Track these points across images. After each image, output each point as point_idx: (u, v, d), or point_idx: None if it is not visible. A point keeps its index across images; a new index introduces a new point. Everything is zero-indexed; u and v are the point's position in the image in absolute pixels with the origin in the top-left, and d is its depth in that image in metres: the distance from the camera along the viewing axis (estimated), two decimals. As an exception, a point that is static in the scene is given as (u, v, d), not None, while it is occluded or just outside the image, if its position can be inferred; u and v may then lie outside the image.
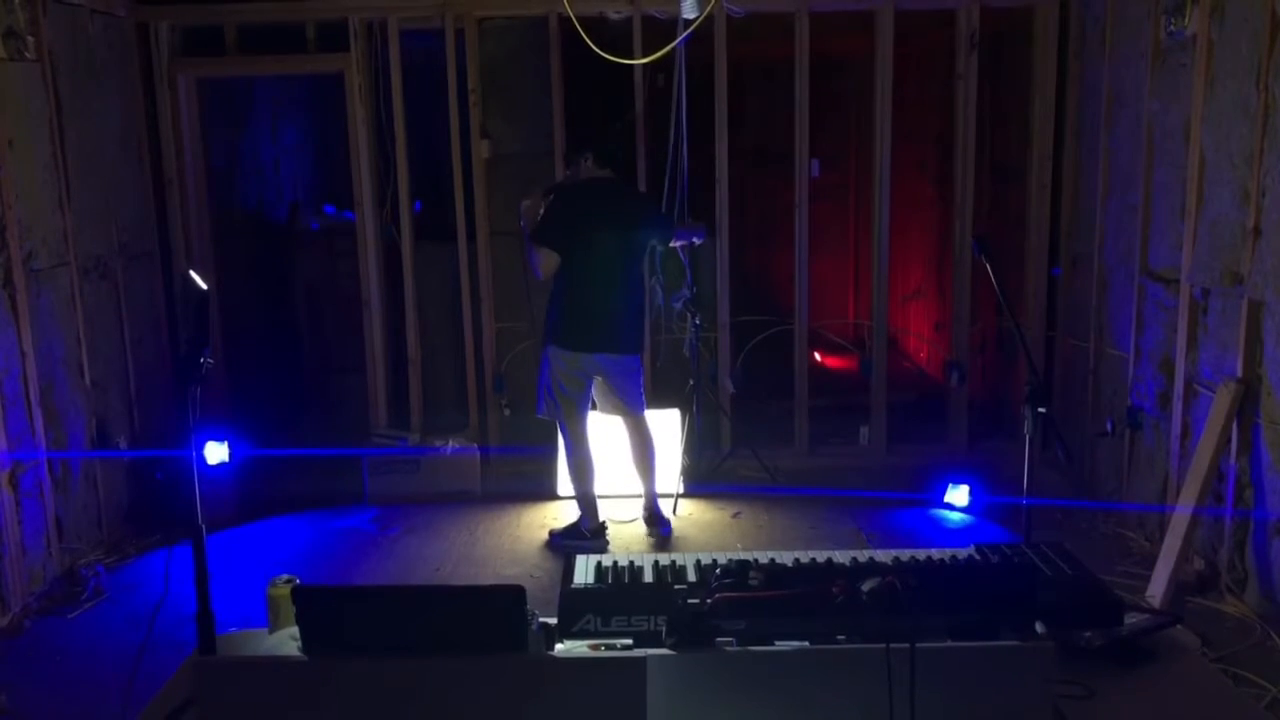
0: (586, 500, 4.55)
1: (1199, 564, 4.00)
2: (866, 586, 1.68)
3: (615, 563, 2.06)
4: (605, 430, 5.11)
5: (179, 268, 5.34)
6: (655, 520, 4.65)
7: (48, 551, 4.21)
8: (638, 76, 5.23)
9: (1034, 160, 5.35)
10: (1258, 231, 3.65)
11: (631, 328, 4.45)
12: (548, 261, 4.28)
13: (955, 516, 4.86)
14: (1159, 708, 1.85)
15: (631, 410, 4.54)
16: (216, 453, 4.29)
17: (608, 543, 4.54)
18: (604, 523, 4.60)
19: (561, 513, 4.96)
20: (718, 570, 1.79)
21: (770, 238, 6.55)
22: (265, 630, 2.14)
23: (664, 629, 1.69)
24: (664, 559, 2.09)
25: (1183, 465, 4.14)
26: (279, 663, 1.80)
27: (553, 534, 4.66)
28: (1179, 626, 2.10)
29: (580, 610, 1.87)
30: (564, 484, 5.08)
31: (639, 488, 4.69)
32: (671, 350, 5.45)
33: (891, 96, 5.30)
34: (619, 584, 1.99)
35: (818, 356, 6.58)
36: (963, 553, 2.16)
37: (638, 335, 4.54)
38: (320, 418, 6.15)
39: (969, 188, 5.39)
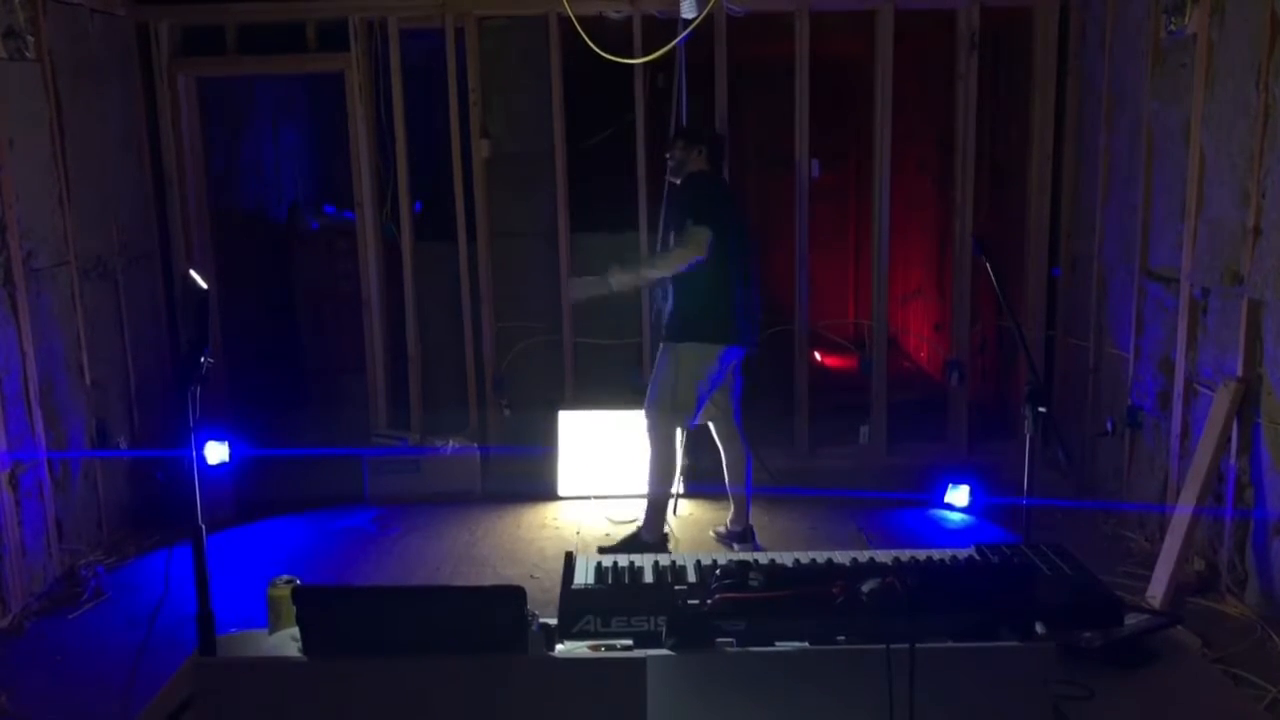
0: (662, 510, 4.40)
1: (1199, 564, 4.00)
2: (867, 587, 1.68)
3: (615, 563, 2.06)
4: (601, 429, 5.12)
5: (179, 268, 5.34)
6: (746, 535, 4.48)
7: (48, 552, 4.21)
8: (638, 76, 5.23)
9: (1034, 160, 5.35)
10: (1258, 231, 3.65)
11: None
12: (703, 246, 4.03)
13: (955, 517, 4.86)
14: (1159, 708, 1.85)
15: (736, 410, 4.45)
16: (217, 453, 4.29)
17: (757, 546, 4.44)
18: (667, 534, 4.47)
19: (562, 513, 4.96)
20: (718, 571, 1.79)
21: (770, 238, 6.55)
22: (265, 631, 2.14)
23: (664, 629, 1.69)
24: (664, 560, 2.09)
25: (1183, 465, 4.14)
26: (279, 663, 1.80)
27: (604, 551, 4.37)
28: (1179, 627, 2.10)
29: (580, 611, 1.87)
30: (564, 484, 5.09)
31: (632, 487, 4.64)
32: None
33: (891, 96, 5.30)
34: (619, 585, 1.99)
35: (818, 356, 6.58)
36: (963, 553, 2.16)
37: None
38: (320, 418, 6.15)
39: (969, 188, 5.39)
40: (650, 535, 4.37)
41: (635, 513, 4.77)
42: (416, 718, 1.64)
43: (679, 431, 4.37)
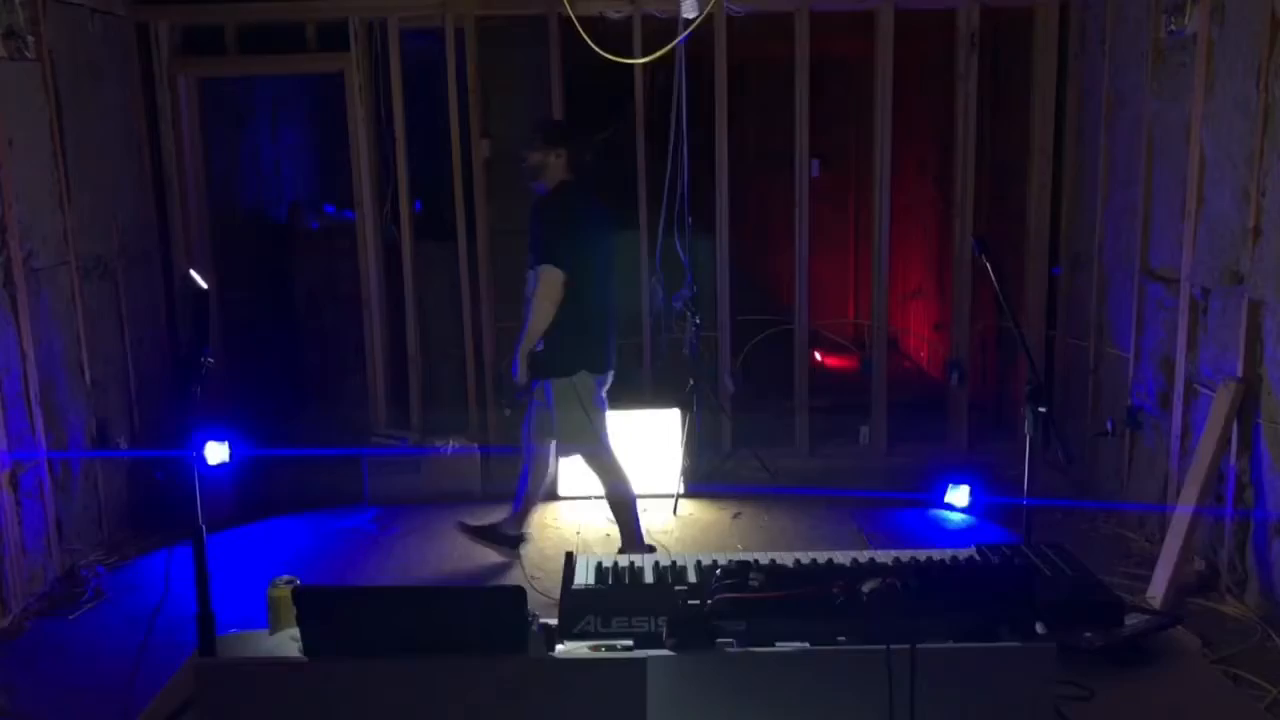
0: (634, 524, 4.24)
1: (1199, 565, 4.00)
2: (867, 587, 1.68)
3: (616, 563, 2.06)
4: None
5: (179, 268, 5.34)
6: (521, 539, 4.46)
7: (48, 552, 4.21)
8: (638, 76, 5.23)
9: (1034, 160, 5.35)
10: (1258, 231, 3.65)
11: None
12: (559, 287, 3.88)
13: (955, 517, 4.85)
14: (1159, 709, 1.85)
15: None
16: (217, 453, 4.28)
17: (520, 556, 4.41)
18: (652, 545, 4.41)
19: (562, 513, 4.96)
20: (718, 571, 1.79)
21: (770, 238, 6.55)
22: (266, 631, 2.14)
23: (664, 630, 1.69)
24: (664, 560, 2.09)
25: (1183, 465, 4.14)
26: (279, 664, 1.80)
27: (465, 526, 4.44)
28: (1179, 627, 2.10)
29: (581, 611, 1.86)
30: (565, 484, 5.08)
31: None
32: (671, 350, 5.45)
33: (891, 96, 5.30)
34: (619, 585, 1.99)
35: (818, 356, 6.58)
36: (963, 553, 2.16)
37: None
38: (320, 418, 6.15)
39: (969, 188, 5.39)
40: (634, 551, 4.26)
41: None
42: (416, 718, 1.64)
43: (605, 446, 4.18)
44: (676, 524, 4.80)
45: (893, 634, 1.61)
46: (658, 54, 5.05)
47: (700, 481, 5.17)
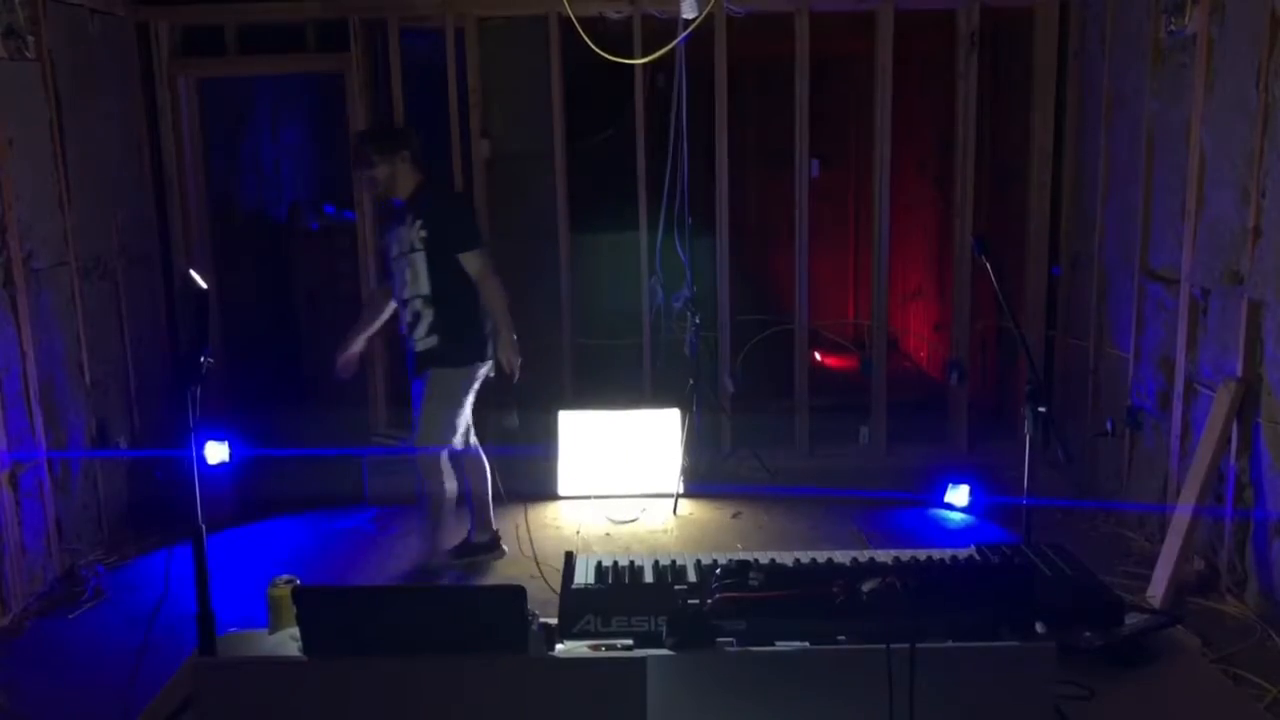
0: (445, 519, 4.29)
1: (1199, 564, 4.00)
2: (867, 587, 1.68)
3: (615, 563, 2.06)
4: (601, 429, 5.12)
5: (179, 268, 5.34)
6: (494, 543, 4.41)
7: (48, 552, 4.21)
8: (638, 76, 5.23)
9: (1034, 160, 5.35)
10: (1258, 231, 3.65)
11: None
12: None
13: (955, 517, 4.85)
14: (1159, 708, 1.85)
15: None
16: (217, 453, 4.29)
17: (504, 551, 4.40)
18: (497, 531, 4.42)
19: (562, 513, 4.96)
20: (718, 571, 1.79)
21: (770, 238, 6.55)
22: (265, 631, 2.14)
23: (664, 629, 1.69)
24: (664, 559, 2.09)
25: (1183, 465, 4.14)
26: (279, 663, 1.80)
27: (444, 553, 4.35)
28: (1179, 627, 2.10)
29: (581, 610, 1.87)
30: (564, 484, 5.09)
31: (632, 487, 4.62)
32: (671, 350, 5.45)
33: (891, 96, 5.30)
34: (619, 584, 1.99)
35: (818, 356, 6.58)
36: (963, 553, 2.16)
37: None
38: (320, 418, 6.14)
39: (969, 188, 5.39)
40: (433, 553, 4.28)
41: (635, 512, 4.78)
42: (416, 718, 1.64)
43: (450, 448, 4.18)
44: (676, 524, 4.80)
45: (893, 634, 1.61)
46: (658, 54, 5.05)
47: (700, 481, 5.17)
